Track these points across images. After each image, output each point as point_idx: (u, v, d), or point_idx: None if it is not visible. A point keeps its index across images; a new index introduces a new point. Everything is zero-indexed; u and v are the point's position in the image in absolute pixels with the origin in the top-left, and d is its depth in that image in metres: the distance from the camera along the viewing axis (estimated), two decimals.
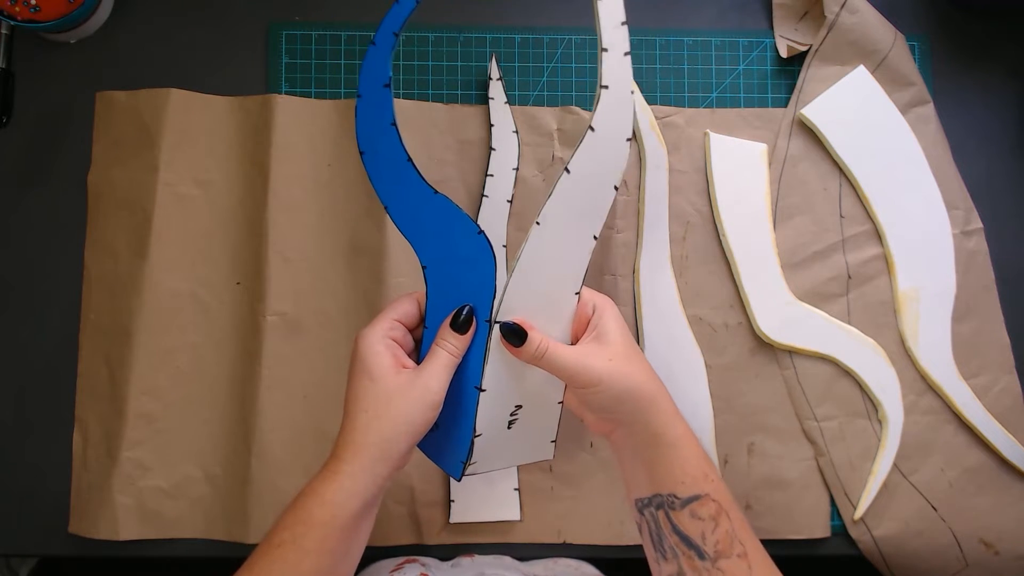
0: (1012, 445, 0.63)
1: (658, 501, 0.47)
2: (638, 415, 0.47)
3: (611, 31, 0.45)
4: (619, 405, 0.47)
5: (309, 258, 0.64)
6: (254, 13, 0.67)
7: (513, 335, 0.46)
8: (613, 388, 0.46)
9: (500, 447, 0.51)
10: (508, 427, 0.51)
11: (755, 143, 0.66)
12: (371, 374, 0.46)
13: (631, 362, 0.47)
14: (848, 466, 0.63)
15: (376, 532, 0.61)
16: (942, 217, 0.65)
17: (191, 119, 0.64)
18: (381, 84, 0.47)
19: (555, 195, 0.46)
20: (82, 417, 0.63)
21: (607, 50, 0.45)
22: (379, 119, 0.48)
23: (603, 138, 0.46)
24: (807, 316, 0.64)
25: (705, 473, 0.47)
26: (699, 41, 0.68)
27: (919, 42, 0.68)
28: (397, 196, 0.48)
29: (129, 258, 0.63)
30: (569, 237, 0.47)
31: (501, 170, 0.64)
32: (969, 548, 0.62)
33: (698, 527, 0.45)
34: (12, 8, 0.62)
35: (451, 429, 0.50)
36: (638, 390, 0.47)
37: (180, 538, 0.62)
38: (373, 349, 0.47)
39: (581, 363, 0.46)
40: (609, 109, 0.46)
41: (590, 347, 0.48)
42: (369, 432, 0.45)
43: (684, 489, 0.46)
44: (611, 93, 0.45)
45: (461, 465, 0.50)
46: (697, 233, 0.65)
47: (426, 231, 0.48)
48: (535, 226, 0.46)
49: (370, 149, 0.48)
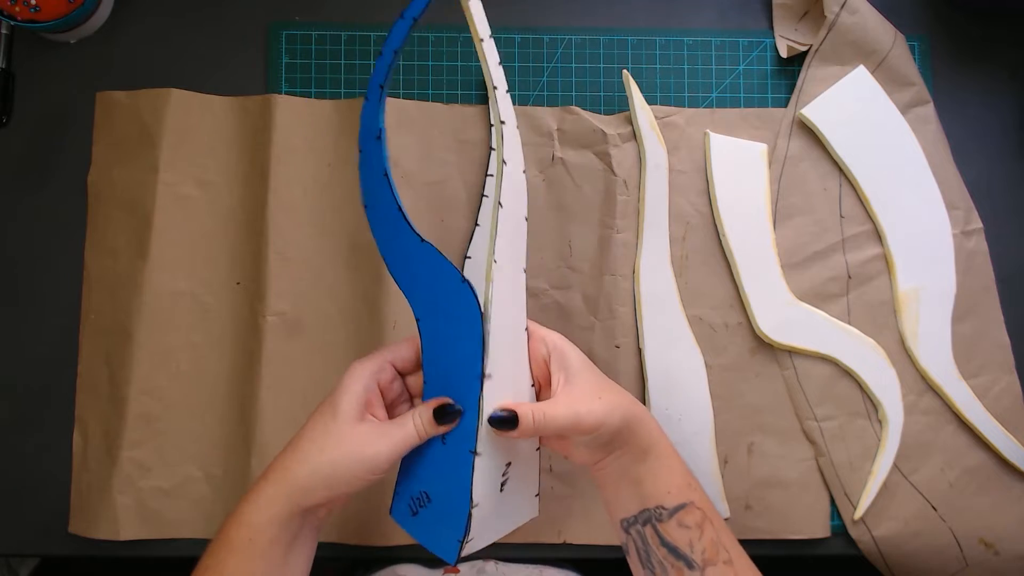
0: (1012, 445, 0.63)
1: (645, 516, 0.47)
2: (631, 438, 0.47)
3: (495, 69, 0.48)
4: (617, 436, 0.47)
5: (309, 258, 0.64)
6: (254, 13, 0.67)
7: (504, 423, 0.46)
8: (611, 424, 0.46)
9: (495, 514, 0.49)
10: (501, 489, 0.49)
11: (755, 143, 0.66)
12: (335, 410, 0.46)
13: (614, 392, 0.48)
14: (848, 466, 0.63)
15: (376, 532, 0.61)
16: (942, 217, 0.65)
17: (191, 119, 0.64)
18: (374, 137, 0.48)
19: (501, 231, 0.47)
20: (82, 417, 0.63)
21: (497, 88, 0.48)
22: (375, 171, 0.48)
23: (514, 170, 0.47)
24: (807, 316, 0.64)
25: (688, 482, 0.48)
26: (699, 41, 0.68)
27: (919, 42, 0.68)
28: (392, 247, 0.49)
29: (129, 258, 0.63)
30: (515, 273, 0.48)
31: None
32: (969, 548, 0.62)
33: (685, 536, 0.46)
34: (12, 8, 0.62)
35: (445, 502, 0.48)
36: (631, 414, 0.47)
37: (180, 538, 0.62)
38: (352, 388, 0.46)
39: (578, 414, 0.46)
40: (512, 142, 0.48)
41: (574, 393, 0.47)
42: (305, 463, 0.45)
43: (671, 499, 0.47)
44: (509, 127, 0.48)
45: (458, 544, 0.47)
46: (697, 233, 0.65)
47: (417, 283, 0.48)
48: (495, 264, 0.46)
49: (371, 203, 0.49)
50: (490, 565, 0.60)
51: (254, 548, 0.44)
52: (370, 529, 0.61)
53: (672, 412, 0.62)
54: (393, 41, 0.47)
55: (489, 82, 0.48)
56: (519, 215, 0.49)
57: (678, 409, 0.62)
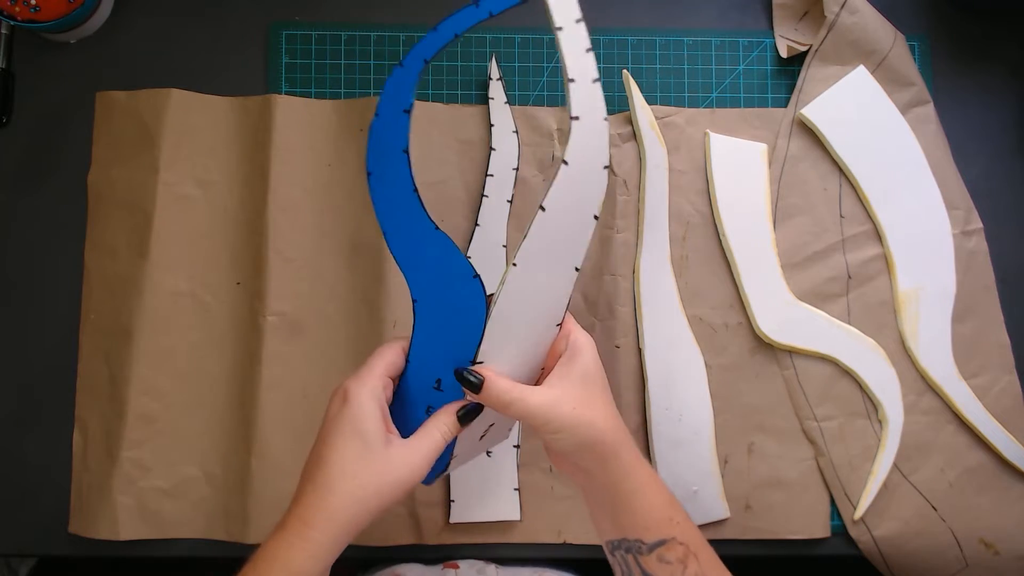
0: (1012, 445, 0.63)
1: (626, 545, 0.47)
2: (598, 463, 0.46)
3: (575, 59, 0.44)
4: (580, 452, 0.46)
5: (309, 258, 0.64)
6: (254, 13, 0.67)
7: (467, 383, 0.45)
8: (575, 437, 0.45)
9: (471, 451, 0.53)
10: (480, 439, 0.52)
11: (755, 143, 0.66)
12: (365, 438, 0.43)
13: (594, 409, 0.46)
14: (848, 466, 0.63)
15: (376, 532, 0.61)
16: (942, 217, 0.65)
17: (191, 119, 0.64)
18: (401, 109, 0.46)
19: (531, 234, 0.44)
20: (82, 417, 0.63)
21: (574, 80, 0.44)
22: (393, 144, 0.47)
23: (579, 171, 0.44)
24: (807, 316, 0.64)
25: (670, 517, 0.46)
26: (699, 41, 0.68)
27: (919, 42, 0.68)
28: (397, 225, 0.47)
29: (129, 258, 0.63)
30: (550, 274, 0.46)
31: (501, 170, 0.64)
32: (969, 548, 0.62)
33: (667, 571, 0.45)
34: (12, 8, 0.62)
35: None
36: (599, 440, 0.46)
37: (180, 538, 0.62)
38: (367, 410, 0.44)
39: (545, 411, 0.45)
40: (583, 140, 0.44)
41: (556, 392, 0.46)
42: (352, 502, 0.42)
43: (649, 535, 0.46)
44: (583, 124, 0.44)
45: (434, 477, 0.50)
46: (697, 233, 0.65)
47: (422, 265, 0.47)
48: (512, 268, 0.45)
49: (378, 172, 0.47)
50: (491, 568, 0.60)
51: None
52: (370, 529, 0.61)
53: (672, 412, 0.62)
54: (458, 24, 0.45)
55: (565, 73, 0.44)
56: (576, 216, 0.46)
57: (678, 409, 0.62)
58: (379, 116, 0.47)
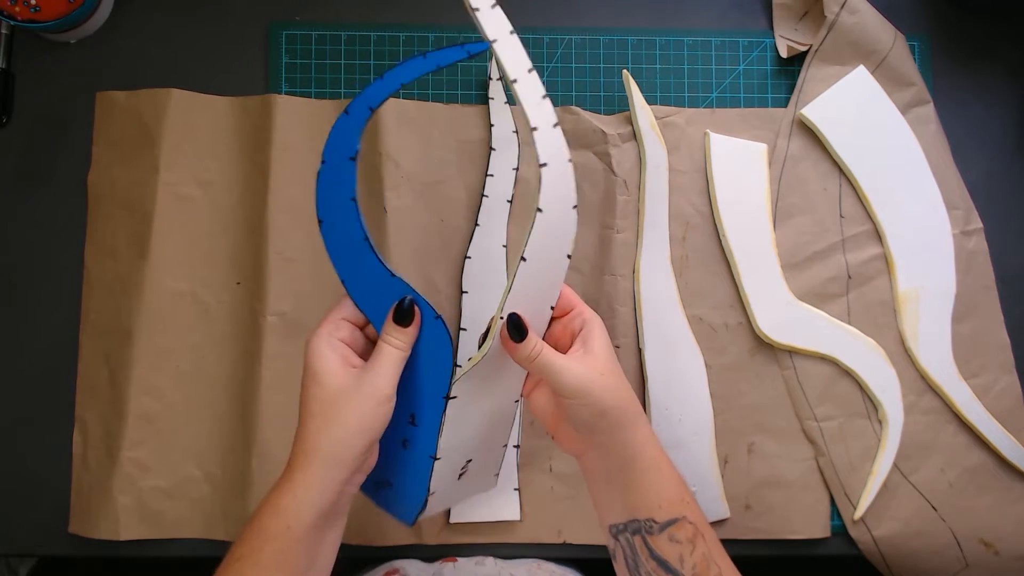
0: (1012, 445, 0.63)
1: (635, 526, 0.46)
2: (617, 433, 0.46)
3: (535, 108, 0.44)
4: (600, 420, 0.46)
5: (309, 258, 0.64)
6: (254, 13, 0.67)
7: (516, 329, 0.45)
8: (601, 402, 0.45)
9: (450, 494, 0.53)
10: (459, 478, 0.52)
11: (755, 143, 0.66)
12: (317, 378, 0.45)
13: (618, 379, 0.47)
14: (848, 466, 0.63)
15: (376, 532, 0.61)
16: (942, 217, 0.65)
17: (191, 119, 0.64)
18: (347, 156, 0.46)
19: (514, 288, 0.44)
20: (82, 417, 0.63)
21: (537, 128, 0.44)
22: (340, 191, 0.47)
23: (552, 215, 0.44)
24: (807, 316, 0.64)
25: (681, 496, 0.47)
26: (699, 41, 0.68)
27: (919, 42, 0.68)
28: (353, 273, 0.47)
29: (129, 258, 0.63)
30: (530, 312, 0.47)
31: (501, 170, 0.64)
32: (969, 548, 0.62)
33: (676, 551, 0.45)
34: (12, 8, 0.62)
35: (405, 489, 0.51)
36: (623, 407, 0.46)
37: (180, 538, 0.62)
38: (319, 353, 0.46)
39: (574, 371, 0.45)
40: (553, 185, 0.44)
41: (582, 357, 0.47)
42: (320, 438, 0.45)
43: (662, 513, 0.46)
44: (551, 169, 0.44)
45: (413, 517, 0.51)
46: (697, 233, 0.65)
47: (383, 311, 0.47)
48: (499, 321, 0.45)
49: (328, 220, 0.47)
50: (489, 560, 0.60)
51: (292, 536, 0.43)
52: (370, 529, 0.61)
53: (672, 412, 0.62)
54: (404, 74, 0.46)
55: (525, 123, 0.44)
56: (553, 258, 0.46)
57: (678, 409, 0.62)
58: (325, 163, 0.47)
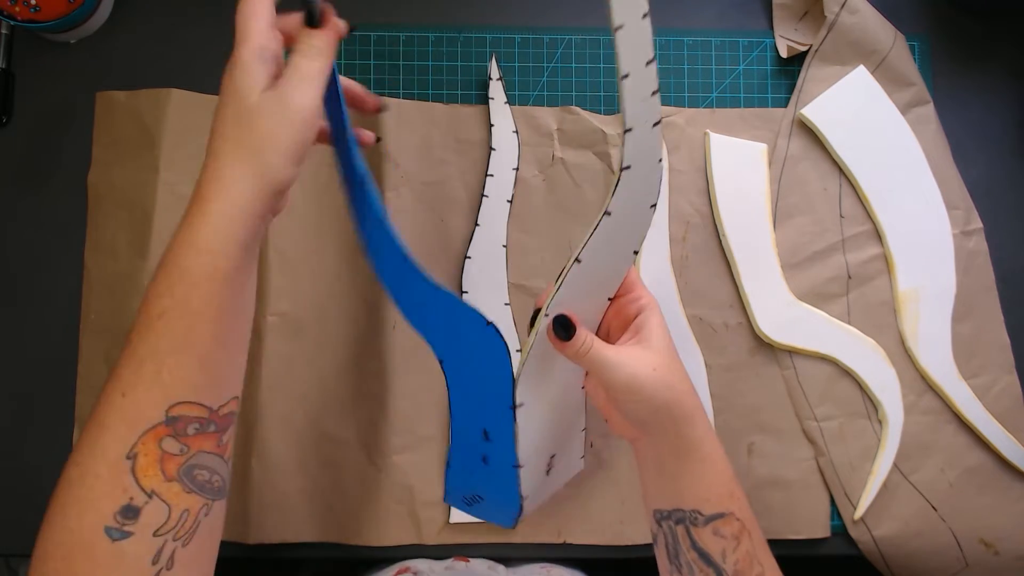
0: (1012, 445, 0.63)
1: (679, 516, 0.45)
2: (670, 428, 0.45)
3: (638, 104, 0.40)
4: (654, 415, 0.45)
5: (309, 258, 0.63)
6: None
7: (563, 328, 0.44)
8: (654, 400, 0.44)
9: (543, 490, 0.53)
10: (547, 474, 0.52)
11: (755, 143, 0.66)
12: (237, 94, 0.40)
13: (674, 373, 0.45)
14: (848, 466, 0.63)
15: (376, 532, 0.61)
16: (942, 217, 0.65)
17: (191, 119, 0.64)
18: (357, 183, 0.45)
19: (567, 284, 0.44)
20: (82, 417, 0.63)
21: (631, 130, 0.40)
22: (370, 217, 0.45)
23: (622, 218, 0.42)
24: (807, 316, 0.64)
25: (731, 491, 0.45)
26: (699, 41, 0.68)
27: (919, 42, 0.68)
28: (403, 292, 0.46)
29: (129, 258, 0.63)
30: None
31: (501, 170, 0.64)
32: (969, 548, 0.62)
33: (719, 545, 0.44)
34: (12, 8, 0.62)
35: (498, 501, 0.51)
36: (677, 403, 0.44)
37: None
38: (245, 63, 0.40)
39: (625, 368, 0.44)
40: (631, 188, 0.42)
41: (634, 351, 0.45)
42: (236, 163, 0.39)
43: (709, 507, 0.44)
44: (633, 173, 0.41)
45: (514, 520, 0.51)
46: (697, 233, 0.65)
47: (437, 326, 0.46)
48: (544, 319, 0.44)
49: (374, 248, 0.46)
50: (500, 567, 0.60)
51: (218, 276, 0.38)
52: (370, 529, 0.61)
53: None
54: None
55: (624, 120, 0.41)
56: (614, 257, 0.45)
57: None
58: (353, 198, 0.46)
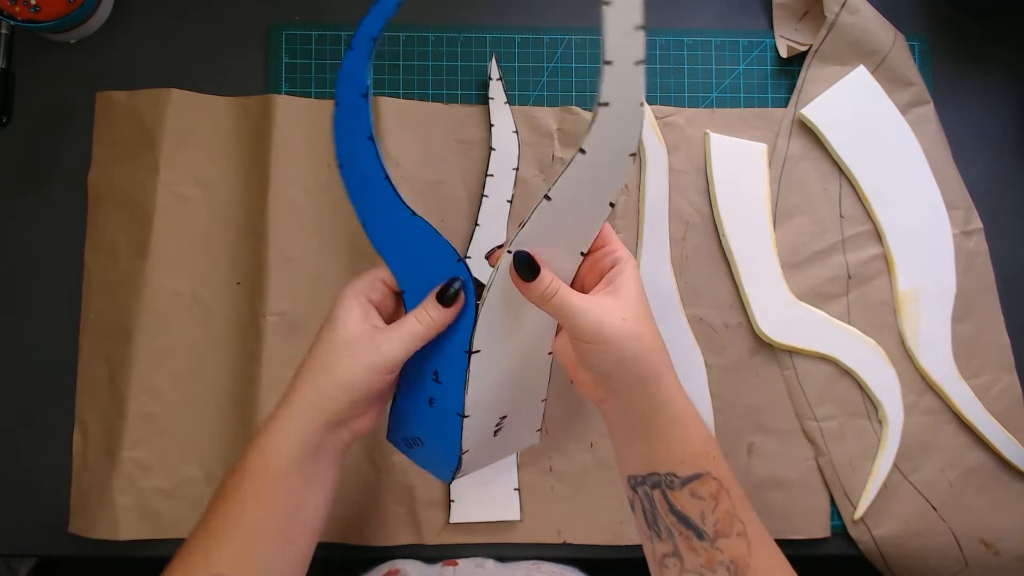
0: (1012, 445, 0.63)
1: (654, 480, 0.44)
2: (639, 385, 0.43)
3: (620, 37, 0.39)
4: (621, 369, 0.43)
5: (309, 258, 0.64)
6: (254, 13, 0.67)
7: (526, 267, 0.43)
8: (622, 351, 0.42)
9: (488, 451, 0.51)
10: (495, 435, 0.50)
11: (755, 143, 0.66)
12: (332, 324, 0.45)
13: (643, 325, 0.43)
14: (848, 466, 0.63)
15: (376, 532, 0.61)
16: (942, 217, 0.65)
17: (191, 119, 0.64)
18: (359, 94, 0.44)
19: (532, 223, 0.43)
20: (82, 417, 0.63)
21: (611, 63, 0.39)
22: (357, 131, 0.44)
23: (599, 159, 0.42)
24: (807, 316, 0.64)
25: (707, 451, 0.44)
26: (699, 41, 0.68)
27: (919, 42, 0.68)
28: (374, 216, 0.46)
29: (129, 258, 0.63)
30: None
31: (501, 170, 0.64)
32: (969, 548, 0.62)
33: (697, 507, 0.43)
34: (12, 8, 0.62)
35: (437, 448, 0.49)
36: (646, 357, 0.43)
37: (180, 538, 0.62)
38: (344, 302, 0.45)
39: (592, 315, 0.42)
40: (610, 126, 0.41)
41: (604, 300, 0.43)
42: (306, 382, 0.44)
43: (684, 468, 0.43)
44: (612, 110, 0.40)
45: (451, 474, 0.49)
46: (697, 233, 0.65)
47: (404, 255, 0.46)
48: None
49: (348, 163, 0.45)
50: (489, 563, 0.60)
51: (272, 472, 0.42)
52: (370, 529, 0.61)
53: None
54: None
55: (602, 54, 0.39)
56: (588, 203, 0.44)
57: None
58: (339, 104, 0.44)
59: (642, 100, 0.41)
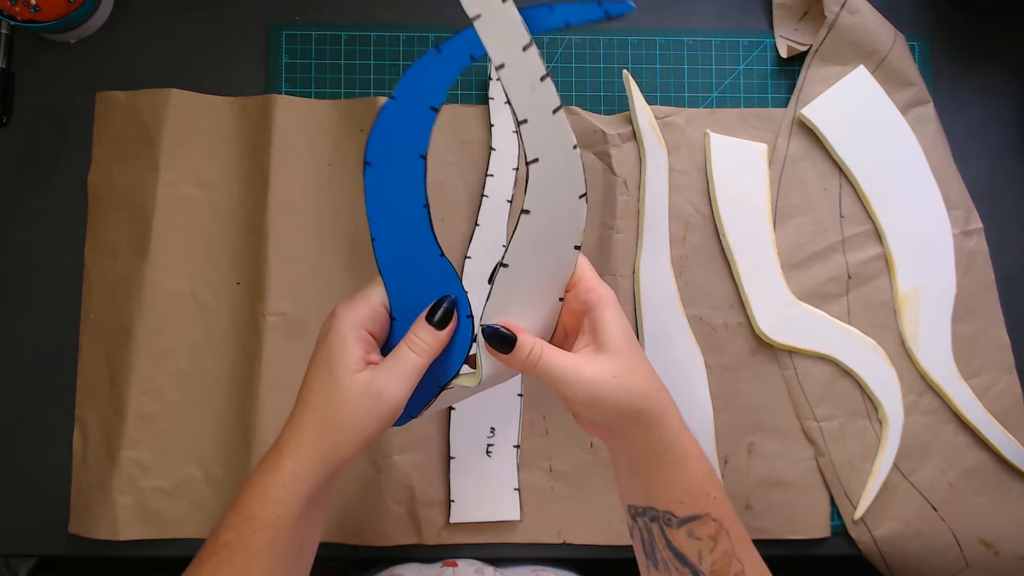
0: (1012, 445, 0.63)
1: (653, 514, 0.44)
2: (640, 432, 0.43)
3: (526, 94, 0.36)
4: (620, 421, 0.43)
5: (309, 258, 0.64)
6: (254, 13, 0.67)
7: (499, 341, 0.41)
8: (619, 407, 0.42)
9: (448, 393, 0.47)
10: None
11: (755, 143, 0.66)
12: (331, 366, 0.42)
13: (638, 376, 0.43)
14: (848, 466, 0.63)
15: (376, 532, 0.61)
16: (942, 217, 0.65)
17: (191, 119, 0.64)
18: (428, 105, 0.39)
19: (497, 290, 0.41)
20: (82, 417, 0.63)
21: (526, 121, 0.36)
22: (408, 141, 0.40)
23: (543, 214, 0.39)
24: (807, 316, 0.64)
25: (706, 491, 0.43)
26: (699, 41, 0.68)
27: (919, 42, 0.68)
28: (393, 238, 0.41)
29: (129, 258, 0.63)
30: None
31: (501, 170, 0.64)
32: (969, 548, 0.62)
33: (695, 547, 0.43)
34: (12, 8, 0.62)
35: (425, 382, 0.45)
36: (645, 407, 0.42)
37: (180, 538, 0.62)
38: (343, 337, 0.42)
39: (584, 383, 0.42)
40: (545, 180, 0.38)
41: (592, 359, 0.42)
42: (315, 433, 0.42)
43: (683, 509, 0.43)
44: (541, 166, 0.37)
45: (407, 417, 0.45)
46: (697, 233, 0.65)
47: (410, 286, 0.42)
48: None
49: (380, 167, 0.40)
50: (488, 569, 0.60)
51: (282, 525, 0.41)
52: (370, 529, 0.61)
53: None
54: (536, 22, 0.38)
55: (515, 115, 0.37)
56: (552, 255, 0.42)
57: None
58: (397, 100, 0.39)
59: (574, 143, 0.38)
